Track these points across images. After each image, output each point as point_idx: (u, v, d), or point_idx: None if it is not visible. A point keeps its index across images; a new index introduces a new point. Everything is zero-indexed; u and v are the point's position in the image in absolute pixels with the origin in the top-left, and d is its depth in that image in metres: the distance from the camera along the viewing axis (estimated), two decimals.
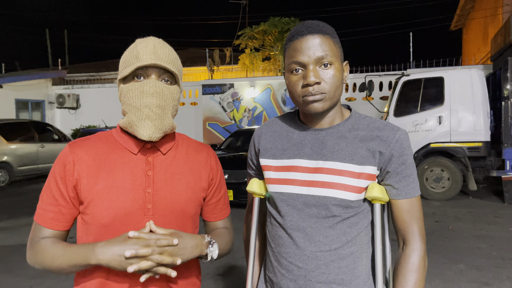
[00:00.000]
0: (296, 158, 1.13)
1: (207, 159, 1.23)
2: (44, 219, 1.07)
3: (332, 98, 1.08)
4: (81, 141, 1.11)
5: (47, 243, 1.04)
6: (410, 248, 1.09)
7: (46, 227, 1.06)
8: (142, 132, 1.03)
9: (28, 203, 8.01)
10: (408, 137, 1.13)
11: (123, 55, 1.11)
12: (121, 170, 1.06)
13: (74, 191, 1.05)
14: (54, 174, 1.07)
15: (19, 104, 14.86)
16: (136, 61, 1.04)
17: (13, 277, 4.07)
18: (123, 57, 1.10)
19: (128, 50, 1.10)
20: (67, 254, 1.01)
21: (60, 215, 1.07)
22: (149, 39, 1.09)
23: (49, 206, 1.06)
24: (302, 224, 1.09)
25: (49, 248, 1.03)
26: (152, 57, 1.04)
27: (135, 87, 1.05)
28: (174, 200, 1.10)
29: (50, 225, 1.06)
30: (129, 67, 1.05)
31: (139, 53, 1.05)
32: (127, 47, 1.14)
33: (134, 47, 1.08)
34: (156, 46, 1.07)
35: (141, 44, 1.08)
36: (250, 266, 1.25)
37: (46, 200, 1.07)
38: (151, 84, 1.04)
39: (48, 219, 1.06)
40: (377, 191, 1.09)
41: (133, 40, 1.12)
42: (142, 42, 1.09)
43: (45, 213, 1.07)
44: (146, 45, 1.07)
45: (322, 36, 1.05)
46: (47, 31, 24.76)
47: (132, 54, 1.06)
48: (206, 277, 4.01)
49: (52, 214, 1.06)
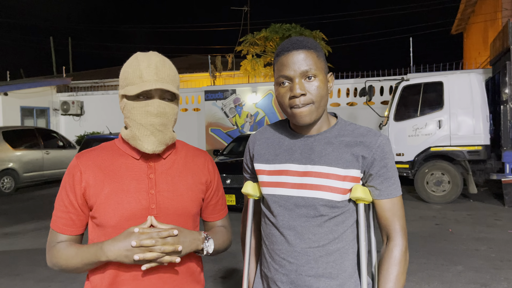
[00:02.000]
0: (287, 163, 1.24)
1: (205, 163, 1.32)
2: (57, 226, 1.18)
3: (318, 108, 1.18)
4: (87, 152, 1.22)
5: (61, 247, 1.16)
6: (393, 244, 1.20)
7: (60, 233, 1.18)
8: (146, 146, 1.13)
9: (34, 209, 8.12)
10: (389, 142, 1.23)
11: (124, 69, 1.16)
12: (125, 175, 1.16)
13: (82, 198, 1.16)
14: (64, 184, 1.19)
15: (24, 111, 15.03)
16: (139, 81, 1.12)
17: (21, 281, 4.17)
18: (125, 72, 1.16)
19: (130, 65, 1.15)
20: (80, 255, 1.12)
21: (71, 221, 1.18)
22: (150, 57, 1.16)
23: (61, 214, 1.18)
24: (293, 223, 1.20)
25: (63, 250, 1.15)
26: (155, 78, 1.13)
27: (139, 105, 1.13)
28: (175, 200, 1.19)
29: (63, 230, 1.18)
30: (133, 88, 1.12)
31: (143, 74, 1.12)
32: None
33: (137, 64, 1.14)
34: (158, 66, 1.14)
35: (143, 62, 1.14)
36: (246, 262, 1.37)
37: (58, 208, 1.19)
38: (155, 105, 1.13)
39: (61, 225, 1.18)
40: (360, 192, 1.19)
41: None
42: (144, 61, 1.14)
43: (58, 219, 1.18)
44: (148, 65, 1.13)
45: (306, 51, 1.16)
46: (51, 39, 25.01)
47: (135, 73, 1.13)
48: (208, 280, 4.09)
49: (64, 220, 1.18)
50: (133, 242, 1.05)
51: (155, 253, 1.07)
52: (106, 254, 1.08)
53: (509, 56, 7.54)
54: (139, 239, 1.06)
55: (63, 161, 11.54)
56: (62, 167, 11.49)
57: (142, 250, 1.06)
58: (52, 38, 24.97)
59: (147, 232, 1.07)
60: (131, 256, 1.06)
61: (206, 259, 4.63)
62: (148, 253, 1.06)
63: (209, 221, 1.37)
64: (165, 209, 1.18)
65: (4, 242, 5.68)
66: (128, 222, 1.13)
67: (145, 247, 1.06)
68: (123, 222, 1.13)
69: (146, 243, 1.05)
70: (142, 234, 1.07)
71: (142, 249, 1.06)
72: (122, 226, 1.12)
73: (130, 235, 1.07)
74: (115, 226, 1.13)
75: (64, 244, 1.16)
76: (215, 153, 9.11)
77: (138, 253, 1.06)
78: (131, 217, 1.13)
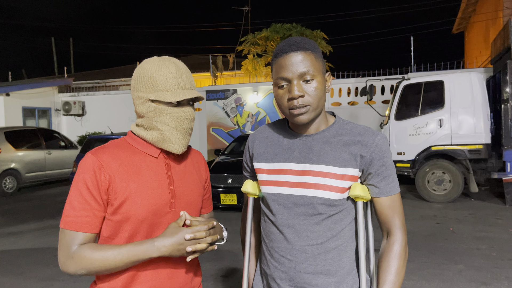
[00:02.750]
0: (286, 162, 1.26)
1: (202, 161, 1.44)
2: (79, 225, 1.14)
3: (316, 109, 1.20)
4: (101, 148, 1.23)
5: (92, 249, 1.13)
6: (394, 239, 1.22)
7: (82, 232, 1.13)
8: (177, 148, 1.23)
9: (37, 209, 8.16)
10: (387, 141, 1.25)
11: (150, 74, 1.20)
12: (147, 172, 1.21)
13: (106, 193, 1.16)
14: (85, 181, 1.15)
15: (26, 112, 15.07)
16: (176, 89, 1.21)
17: (24, 280, 4.21)
18: (152, 78, 1.20)
19: (158, 71, 1.20)
20: (124, 254, 1.12)
21: (95, 218, 1.16)
22: (177, 64, 1.24)
23: (83, 212, 1.14)
24: (292, 221, 1.22)
25: (97, 252, 1.12)
26: (189, 86, 1.24)
27: (174, 111, 1.21)
28: (189, 194, 1.29)
29: (86, 229, 1.14)
30: (170, 94, 1.19)
31: (179, 81, 1.21)
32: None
33: (168, 71, 1.20)
34: (186, 73, 1.25)
35: (173, 70, 1.21)
36: (246, 260, 1.39)
37: (78, 206, 1.14)
38: (190, 112, 1.24)
39: (83, 224, 1.14)
40: (359, 190, 1.21)
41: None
42: (172, 68, 1.21)
43: (79, 218, 1.13)
44: (180, 74, 1.22)
45: (304, 53, 1.17)
46: (53, 40, 25.10)
47: (169, 80, 1.20)
48: (209, 279, 4.12)
49: (87, 218, 1.15)
50: (187, 235, 1.13)
51: (204, 244, 1.16)
52: (160, 250, 1.13)
53: (510, 55, 7.55)
54: (191, 232, 1.14)
55: (65, 161, 11.58)
56: (64, 167, 11.54)
57: (192, 243, 1.15)
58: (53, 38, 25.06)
59: (196, 225, 1.18)
60: (183, 249, 1.14)
61: (207, 259, 4.65)
62: (199, 244, 1.15)
63: (202, 213, 1.46)
64: (182, 203, 1.26)
65: (7, 241, 5.72)
66: (154, 216, 1.19)
67: (196, 240, 1.15)
68: (150, 216, 1.19)
69: (198, 235, 1.15)
70: (192, 227, 1.16)
71: (193, 242, 1.15)
72: (149, 220, 1.18)
73: (179, 230, 1.15)
74: (143, 220, 1.18)
75: (93, 246, 1.13)
76: (217, 153, 9.11)
77: (190, 245, 1.14)
78: (156, 211, 1.20)
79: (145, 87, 1.21)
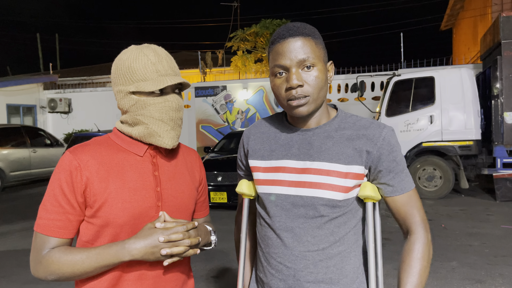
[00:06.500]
0: (284, 159, 1.15)
1: (197, 160, 1.31)
2: (51, 229, 1.05)
3: (316, 100, 1.09)
4: (81, 146, 1.11)
5: (60, 252, 1.03)
6: (414, 237, 1.11)
7: (53, 237, 1.04)
8: (167, 142, 1.11)
9: (21, 209, 7.95)
10: (395, 133, 1.14)
11: (127, 64, 1.09)
12: (130, 172, 1.10)
13: (83, 196, 1.05)
14: (59, 182, 1.05)
15: (11, 109, 14.74)
16: (156, 76, 1.08)
17: (7, 283, 4.04)
18: (130, 68, 1.09)
19: (136, 60, 1.09)
20: (93, 258, 1.02)
21: (68, 222, 1.06)
22: (156, 50, 1.12)
23: (55, 215, 1.05)
24: (291, 225, 1.11)
25: (66, 256, 1.02)
26: (170, 72, 1.11)
27: (157, 101, 1.09)
28: (178, 197, 1.17)
29: (58, 234, 1.05)
30: (149, 83, 1.07)
31: (158, 68, 1.09)
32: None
33: (146, 58, 1.09)
34: (167, 58, 1.12)
35: (152, 56, 1.09)
36: (241, 266, 1.27)
37: (51, 209, 1.05)
38: (175, 100, 1.12)
39: (55, 228, 1.05)
40: (370, 190, 1.10)
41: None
42: (151, 54, 1.10)
43: (51, 222, 1.05)
44: (159, 59, 1.10)
45: (303, 38, 1.06)
46: (38, 36, 24.61)
47: (148, 68, 1.08)
48: (200, 280, 4.01)
49: (59, 222, 1.05)
50: (161, 237, 1.02)
51: (181, 247, 1.04)
52: (131, 253, 1.02)
53: (500, 51, 7.55)
54: (166, 234, 1.03)
55: (50, 160, 11.33)
56: (49, 165, 11.28)
57: (168, 245, 1.03)
58: (39, 35, 24.58)
59: (172, 227, 1.05)
60: (157, 252, 1.03)
61: (197, 259, 4.54)
62: (175, 247, 1.04)
63: (195, 218, 1.34)
64: (170, 206, 1.15)
65: None
66: (137, 220, 1.08)
67: (172, 242, 1.03)
68: (132, 220, 1.08)
69: (174, 237, 1.03)
70: (167, 229, 1.03)
71: (169, 244, 1.03)
72: (131, 224, 1.07)
73: (153, 231, 1.03)
74: (123, 224, 1.06)
75: (62, 249, 1.03)
76: (206, 150, 9.00)
77: (165, 247, 1.03)
78: (139, 215, 1.09)
79: (124, 79, 1.10)
